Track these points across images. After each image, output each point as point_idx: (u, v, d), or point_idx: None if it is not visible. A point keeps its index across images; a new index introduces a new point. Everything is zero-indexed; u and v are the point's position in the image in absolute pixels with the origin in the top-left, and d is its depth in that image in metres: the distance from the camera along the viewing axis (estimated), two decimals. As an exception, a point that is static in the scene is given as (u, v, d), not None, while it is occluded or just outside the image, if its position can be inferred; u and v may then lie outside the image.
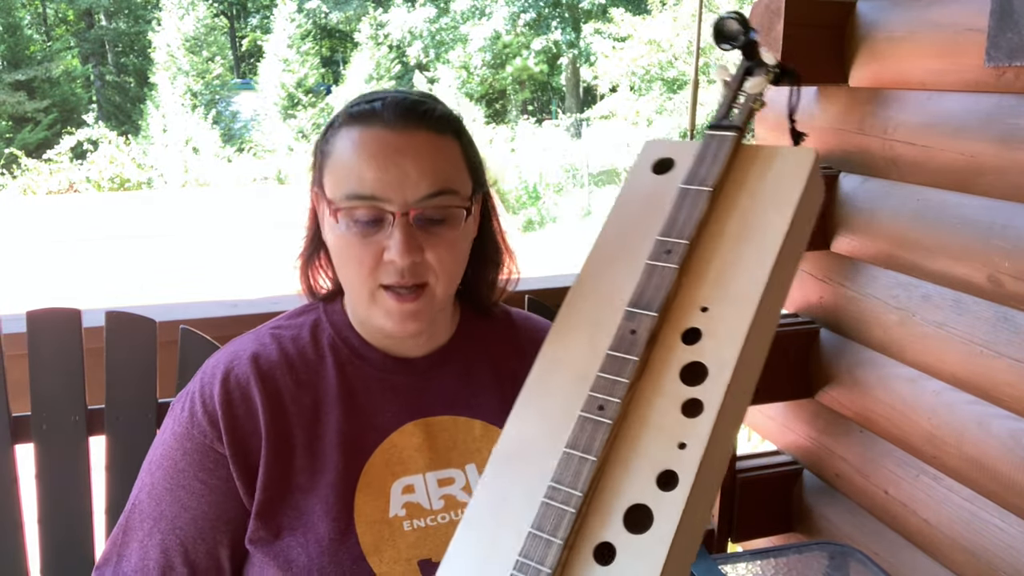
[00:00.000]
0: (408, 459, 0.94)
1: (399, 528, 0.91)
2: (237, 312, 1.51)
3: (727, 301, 0.73)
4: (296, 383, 0.94)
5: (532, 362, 1.02)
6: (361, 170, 0.88)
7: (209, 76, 22.52)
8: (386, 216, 0.88)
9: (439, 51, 21.32)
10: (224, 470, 0.90)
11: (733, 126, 0.81)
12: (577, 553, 0.68)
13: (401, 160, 0.88)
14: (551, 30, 20.42)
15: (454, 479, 0.95)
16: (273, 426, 0.91)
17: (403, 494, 0.93)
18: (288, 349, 0.96)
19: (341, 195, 0.89)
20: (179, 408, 0.95)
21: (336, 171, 0.90)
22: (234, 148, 19.63)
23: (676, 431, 0.69)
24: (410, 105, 0.91)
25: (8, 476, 1.19)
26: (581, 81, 22.08)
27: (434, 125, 0.91)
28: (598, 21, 19.11)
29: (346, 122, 0.92)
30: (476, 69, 20.76)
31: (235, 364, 0.94)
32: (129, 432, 1.21)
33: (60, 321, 1.18)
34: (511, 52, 20.89)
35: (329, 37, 28.71)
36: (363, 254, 0.89)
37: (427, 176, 0.88)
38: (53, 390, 1.19)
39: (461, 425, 0.98)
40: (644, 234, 0.80)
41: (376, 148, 0.88)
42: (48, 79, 22.94)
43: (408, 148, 0.88)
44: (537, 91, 24.27)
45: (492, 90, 22.10)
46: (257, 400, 0.91)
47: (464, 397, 0.99)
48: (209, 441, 0.91)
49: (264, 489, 0.90)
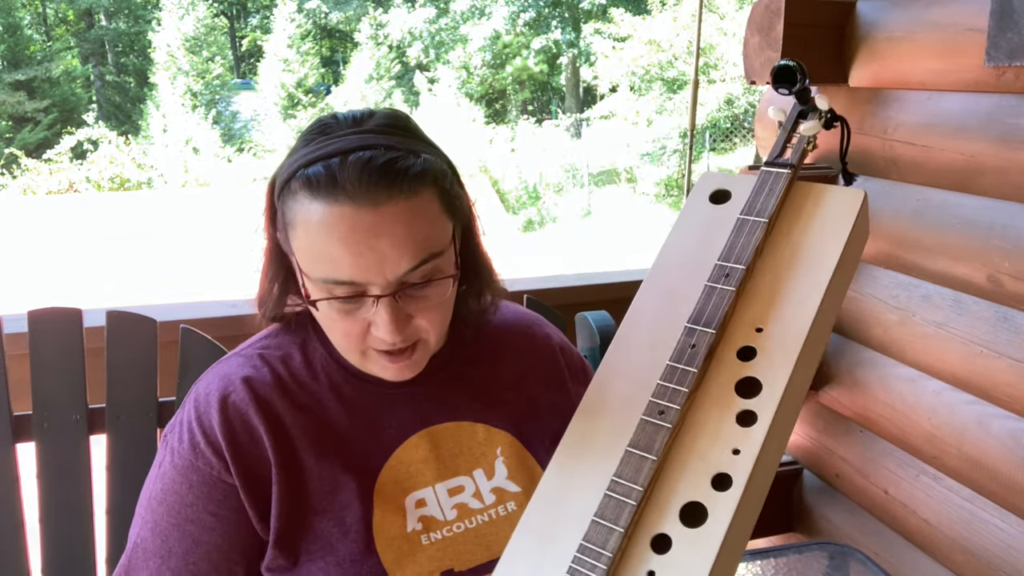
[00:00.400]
0: (416, 473, 0.92)
1: (418, 542, 0.89)
2: (237, 312, 1.51)
3: (781, 324, 0.81)
4: (295, 406, 0.91)
5: (523, 358, 1.03)
6: (333, 254, 0.80)
7: (209, 76, 22.53)
8: (368, 297, 0.82)
9: (439, 51, 21.32)
10: (234, 500, 0.87)
11: (788, 164, 0.90)
12: (636, 542, 0.74)
13: (376, 242, 0.79)
14: (551, 30, 20.42)
15: (463, 487, 0.94)
16: (279, 452, 0.88)
17: (417, 508, 0.91)
18: (280, 371, 0.92)
19: (318, 276, 0.82)
20: (176, 439, 0.90)
21: (304, 248, 0.82)
22: (234, 148, 19.63)
23: (731, 438, 0.76)
24: (378, 171, 0.79)
25: (9, 475, 1.19)
26: (581, 81, 22.08)
27: (407, 188, 0.80)
28: (598, 21, 19.11)
29: (303, 190, 0.80)
30: (476, 69, 20.76)
31: (230, 390, 0.90)
32: (130, 431, 1.21)
33: (61, 321, 1.18)
34: (511, 52, 20.89)
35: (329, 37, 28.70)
36: (349, 327, 0.85)
37: (408, 250, 0.81)
38: (54, 389, 1.19)
39: (464, 430, 0.96)
40: (702, 258, 0.87)
41: (346, 231, 0.79)
42: (48, 79, 22.94)
43: (382, 227, 0.79)
44: (537, 91, 24.26)
45: (492, 90, 22.09)
46: (259, 427, 0.88)
47: (464, 401, 0.98)
48: (217, 473, 0.87)
49: (279, 516, 0.87)
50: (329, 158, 0.81)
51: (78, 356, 1.19)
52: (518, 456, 0.97)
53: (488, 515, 0.93)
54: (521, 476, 0.96)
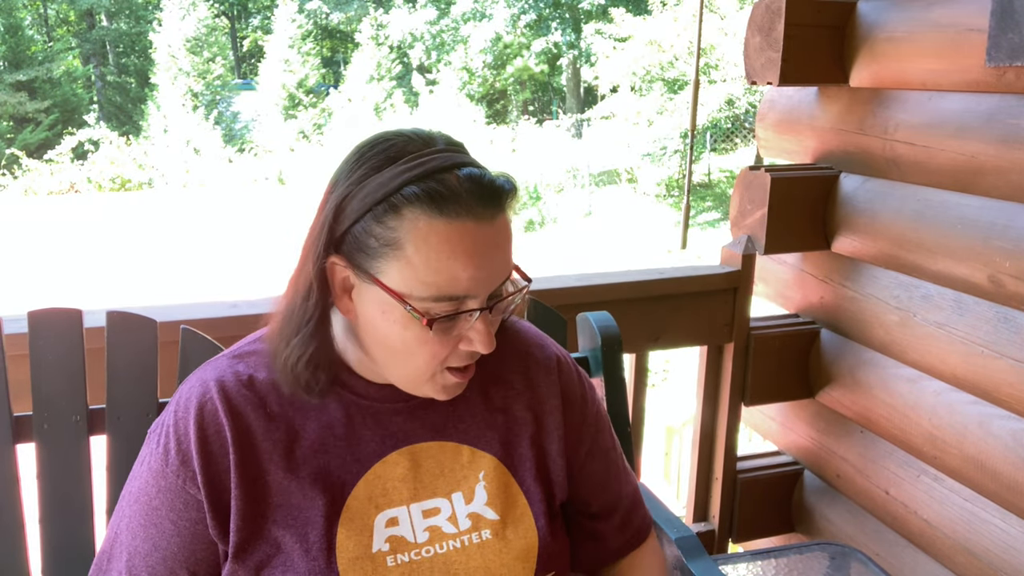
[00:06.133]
0: (392, 490, 0.90)
1: (383, 564, 0.87)
2: (237, 312, 1.51)
3: None
4: (267, 416, 0.89)
5: (518, 378, 0.99)
6: (455, 271, 0.80)
7: (210, 76, 22.55)
8: (467, 310, 0.83)
9: (440, 52, 21.33)
10: (193, 512, 0.87)
11: None
12: None
13: (494, 255, 0.83)
14: (551, 31, 20.42)
15: (440, 509, 0.91)
16: (242, 464, 0.87)
17: (387, 527, 0.89)
18: (260, 377, 0.91)
19: (426, 295, 0.81)
20: (155, 441, 0.91)
21: (416, 267, 0.80)
22: (235, 148, 19.66)
23: None
24: (489, 186, 0.82)
25: (9, 476, 1.18)
26: (582, 81, 22.09)
27: (507, 203, 0.84)
28: (598, 21, 19.10)
29: (419, 205, 0.79)
30: (477, 70, 20.77)
31: (207, 398, 0.89)
32: (130, 432, 1.21)
33: (61, 321, 1.18)
34: (512, 53, 20.89)
35: (330, 38, 28.72)
36: (439, 349, 0.84)
37: (507, 262, 0.85)
38: (54, 390, 1.19)
39: (448, 451, 0.93)
40: None
41: (471, 246, 0.80)
42: (49, 80, 22.97)
43: (498, 240, 0.83)
44: (538, 92, 24.28)
45: (493, 91, 22.10)
46: (228, 436, 0.87)
47: (452, 422, 0.94)
48: (181, 482, 0.87)
49: (238, 531, 0.86)
50: (437, 173, 0.80)
51: (78, 356, 1.19)
52: (501, 481, 0.94)
53: (460, 541, 0.90)
54: (501, 503, 0.93)
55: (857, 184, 1.88)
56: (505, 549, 0.91)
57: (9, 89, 21.80)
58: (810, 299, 2.06)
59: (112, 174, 15.90)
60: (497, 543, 0.91)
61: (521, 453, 0.96)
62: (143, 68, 25.01)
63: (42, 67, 22.81)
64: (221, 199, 14.94)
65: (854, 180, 1.89)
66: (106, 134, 16.65)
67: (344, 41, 28.53)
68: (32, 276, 9.78)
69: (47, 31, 26.93)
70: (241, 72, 29.55)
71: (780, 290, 2.17)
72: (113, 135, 16.78)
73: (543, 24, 20.45)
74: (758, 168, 1.96)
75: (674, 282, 1.91)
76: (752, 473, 2.12)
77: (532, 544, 0.93)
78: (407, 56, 22.25)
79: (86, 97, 24.63)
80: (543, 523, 0.94)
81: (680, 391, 6.76)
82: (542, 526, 0.94)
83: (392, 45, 22.02)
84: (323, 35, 27.71)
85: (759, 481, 2.13)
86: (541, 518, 0.94)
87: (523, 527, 0.93)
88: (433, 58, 21.48)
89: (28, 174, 15.89)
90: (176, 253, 11.25)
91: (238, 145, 20.19)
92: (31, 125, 21.51)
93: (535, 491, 0.95)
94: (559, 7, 20.40)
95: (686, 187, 11.28)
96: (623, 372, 1.40)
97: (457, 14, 20.59)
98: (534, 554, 0.92)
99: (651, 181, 15.45)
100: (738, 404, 2.05)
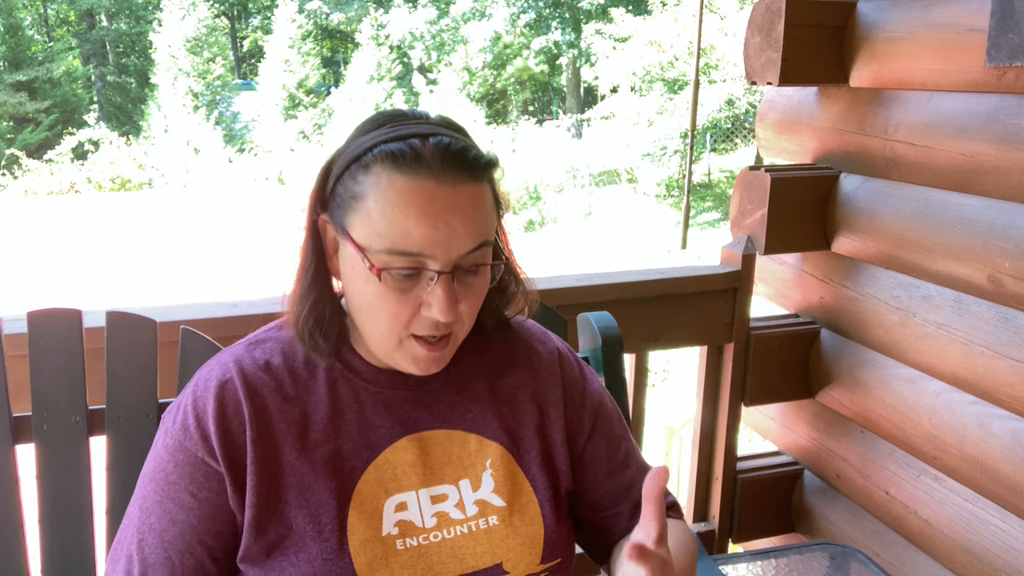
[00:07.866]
0: (401, 475, 0.92)
1: (392, 547, 0.89)
2: (237, 312, 1.50)
3: None
4: (283, 398, 0.92)
5: (525, 372, 1.01)
6: (407, 225, 0.83)
7: (210, 77, 22.56)
8: (427, 272, 0.85)
9: (440, 52, 21.33)
10: (215, 484, 0.89)
11: None
12: None
13: (451, 218, 0.84)
14: (551, 30, 20.42)
15: (447, 495, 0.93)
16: (259, 443, 0.89)
17: (396, 512, 0.91)
18: (276, 363, 0.94)
19: (381, 247, 0.84)
20: (171, 420, 0.93)
21: (373, 219, 0.85)
22: (235, 149, 19.67)
23: None
24: (458, 153, 0.85)
25: (9, 476, 1.18)
26: (582, 81, 22.09)
27: (478, 174, 0.87)
28: (598, 21, 19.10)
29: (383, 163, 0.85)
30: (477, 70, 20.76)
31: (227, 377, 0.92)
32: (130, 432, 1.21)
33: (61, 321, 1.18)
34: (511, 53, 20.90)
35: (330, 38, 28.73)
36: (399, 309, 0.87)
37: (472, 232, 0.86)
38: (54, 390, 1.19)
39: (456, 439, 0.96)
40: None
41: (425, 203, 0.83)
42: (49, 80, 22.98)
43: (457, 204, 0.84)
44: (538, 91, 24.29)
45: (493, 91, 22.10)
46: (246, 414, 0.90)
47: (459, 411, 0.97)
48: (201, 454, 0.89)
49: (253, 506, 0.88)
50: (410, 137, 0.86)
51: (78, 357, 1.19)
52: (507, 469, 0.96)
53: (468, 527, 0.93)
54: (508, 490, 0.95)
55: (857, 184, 1.88)
56: (512, 535, 0.93)
57: (9, 89, 21.80)
58: (810, 299, 2.06)
59: (112, 174, 15.90)
60: (504, 529, 0.93)
61: (527, 442, 0.98)
62: (143, 68, 25.02)
63: (42, 67, 22.82)
64: (221, 199, 14.94)
65: (854, 180, 1.89)
66: (106, 134, 16.65)
67: (344, 41, 28.54)
68: (32, 276, 9.78)
69: (47, 31, 26.94)
70: (241, 72, 29.56)
71: (780, 290, 2.17)
72: (113, 135, 16.78)
73: (543, 24, 20.45)
74: (758, 168, 1.96)
75: (674, 282, 1.91)
76: (752, 473, 2.12)
77: (538, 531, 0.95)
78: (407, 56, 22.25)
79: (86, 97, 24.64)
80: (548, 510, 0.96)
81: (680, 391, 6.76)
82: (547, 513, 0.96)
83: (392, 45, 22.01)
84: (323, 35, 27.71)
85: (759, 481, 2.13)
86: (546, 505, 0.96)
87: (529, 514, 0.95)
88: (433, 58, 21.48)
89: (28, 174, 15.89)
90: (176, 253, 11.25)
91: (238, 145, 20.19)
92: (31, 125, 21.52)
93: (540, 479, 0.97)
94: (559, 7, 20.40)
95: (686, 187, 11.27)
96: (624, 372, 1.40)
97: (457, 14, 20.59)
98: (540, 540, 0.94)
99: (651, 181, 15.45)
100: (738, 404, 2.05)
